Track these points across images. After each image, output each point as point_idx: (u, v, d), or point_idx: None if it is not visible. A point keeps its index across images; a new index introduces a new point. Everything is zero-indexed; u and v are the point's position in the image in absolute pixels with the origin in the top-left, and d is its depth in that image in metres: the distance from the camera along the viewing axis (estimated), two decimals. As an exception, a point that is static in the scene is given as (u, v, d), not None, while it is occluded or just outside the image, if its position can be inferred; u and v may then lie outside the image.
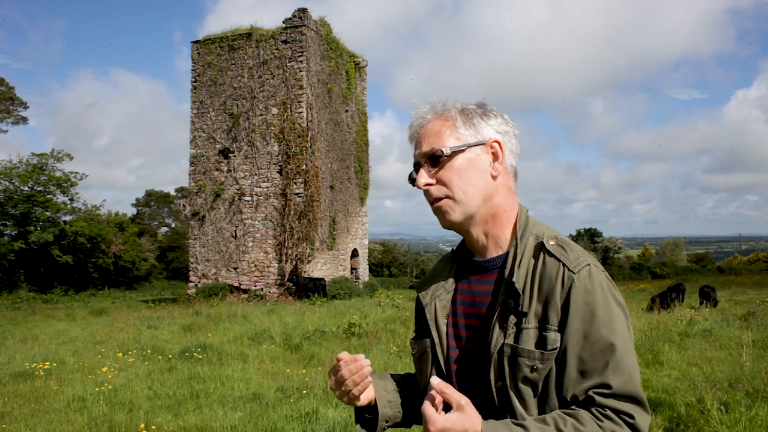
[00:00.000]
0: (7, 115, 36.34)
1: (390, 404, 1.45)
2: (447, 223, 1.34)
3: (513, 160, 1.36)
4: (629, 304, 15.95)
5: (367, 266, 28.46)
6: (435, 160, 1.31)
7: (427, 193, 1.34)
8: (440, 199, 1.32)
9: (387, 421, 1.45)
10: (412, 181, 1.37)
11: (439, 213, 1.34)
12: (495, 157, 1.33)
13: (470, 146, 1.31)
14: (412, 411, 1.49)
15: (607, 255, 44.58)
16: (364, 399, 1.40)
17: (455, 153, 1.30)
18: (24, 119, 37.33)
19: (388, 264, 45.76)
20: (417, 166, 1.36)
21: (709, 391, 5.20)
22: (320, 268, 23.56)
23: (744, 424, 4.54)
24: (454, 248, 1.50)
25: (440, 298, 1.41)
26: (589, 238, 47.01)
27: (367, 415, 1.45)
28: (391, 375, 1.54)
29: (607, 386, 1.16)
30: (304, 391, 6.51)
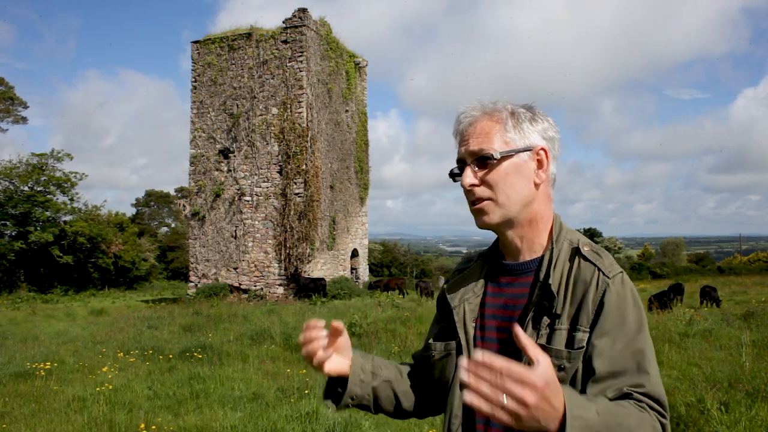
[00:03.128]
0: (6, 115, 36.35)
1: (361, 383, 1.43)
2: (484, 225, 1.34)
3: (554, 168, 1.37)
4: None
5: (367, 266, 28.47)
6: (483, 161, 1.30)
7: (469, 192, 1.33)
8: (482, 200, 1.31)
9: (353, 399, 1.44)
10: (454, 176, 1.37)
11: (479, 213, 1.33)
12: (540, 164, 1.33)
13: (518, 152, 1.30)
14: (384, 402, 1.48)
15: (607, 255, 44.47)
16: (332, 370, 1.39)
17: (504, 158, 1.30)
18: (24, 119, 37.36)
19: (388, 264, 45.74)
20: (461, 163, 1.35)
21: (709, 391, 5.20)
22: (320, 268, 23.56)
23: (744, 424, 4.54)
24: (483, 250, 1.50)
25: (469, 301, 1.41)
26: (588, 238, 47.00)
27: (339, 389, 1.44)
28: (379, 359, 1.52)
29: (641, 386, 1.19)
30: (305, 391, 6.51)
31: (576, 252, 1.31)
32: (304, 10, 23.19)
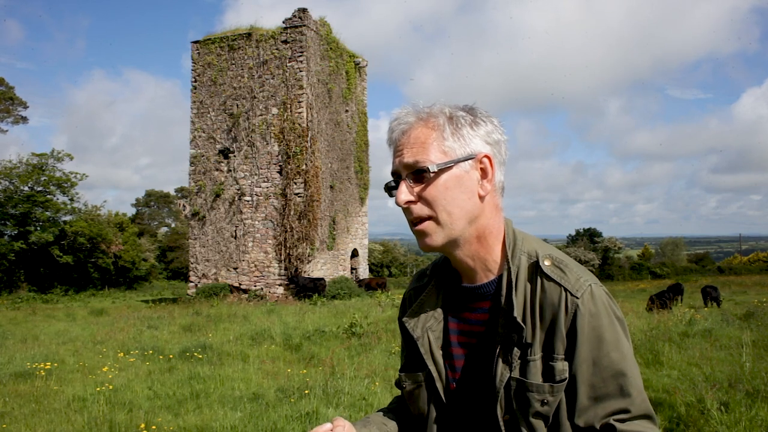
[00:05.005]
0: (7, 115, 36.35)
1: None
2: (427, 248, 1.22)
3: (501, 175, 1.25)
4: (629, 304, 15.96)
5: (367, 266, 28.46)
6: (419, 174, 1.19)
7: (407, 210, 1.22)
8: (422, 220, 1.20)
9: None
10: (390, 190, 1.26)
11: (420, 235, 1.22)
12: (484, 173, 1.21)
13: (459, 161, 1.19)
14: None
15: (606, 255, 44.56)
16: None
17: (442, 170, 1.18)
18: (24, 119, 37.35)
19: (388, 264, 45.74)
20: (396, 176, 1.24)
21: (709, 391, 5.20)
22: (320, 268, 23.55)
23: (744, 424, 4.54)
24: (437, 261, 1.40)
25: (432, 329, 1.31)
26: (588, 238, 46.99)
27: None
28: (376, 414, 1.45)
29: (626, 411, 1.14)
30: (305, 391, 6.51)
31: (536, 269, 1.21)
32: (304, 10, 23.19)
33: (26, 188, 32.90)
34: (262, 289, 22.90)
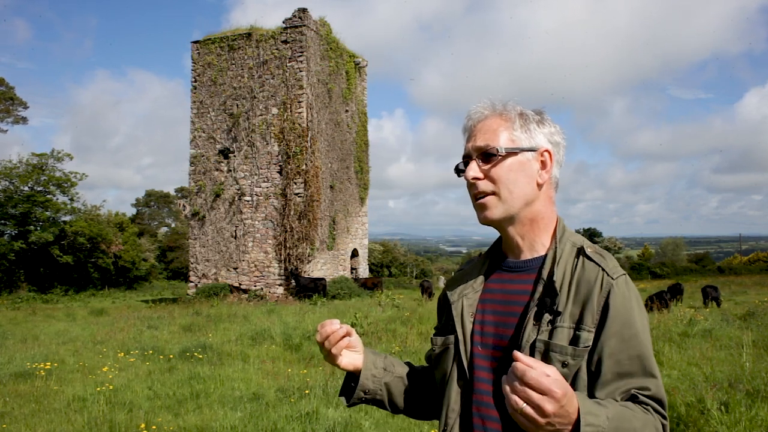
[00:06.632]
0: (7, 115, 36.34)
1: (374, 378, 1.50)
2: (486, 220, 1.36)
3: (557, 172, 1.40)
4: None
5: (367, 266, 28.46)
6: (487, 156, 1.34)
7: (473, 186, 1.36)
8: (485, 194, 1.35)
9: (365, 393, 1.50)
10: (459, 172, 1.40)
11: (481, 208, 1.36)
12: (543, 165, 1.36)
13: (523, 150, 1.34)
14: (397, 398, 1.54)
15: (607, 255, 44.42)
16: (347, 364, 1.47)
17: (509, 154, 1.33)
18: (24, 119, 37.34)
19: (388, 264, 45.73)
20: (466, 159, 1.38)
21: (709, 391, 5.20)
22: (320, 268, 23.55)
23: (744, 424, 4.54)
24: (486, 250, 1.53)
25: (468, 296, 1.43)
26: (588, 238, 46.83)
27: (352, 383, 1.51)
28: (393, 358, 1.58)
29: (648, 389, 1.22)
30: (306, 391, 6.51)
31: (580, 252, 1.32)
32: (304, 10, 23.18)
33: (26, 188, 32.89)
34: (262, 289, 22.89)
